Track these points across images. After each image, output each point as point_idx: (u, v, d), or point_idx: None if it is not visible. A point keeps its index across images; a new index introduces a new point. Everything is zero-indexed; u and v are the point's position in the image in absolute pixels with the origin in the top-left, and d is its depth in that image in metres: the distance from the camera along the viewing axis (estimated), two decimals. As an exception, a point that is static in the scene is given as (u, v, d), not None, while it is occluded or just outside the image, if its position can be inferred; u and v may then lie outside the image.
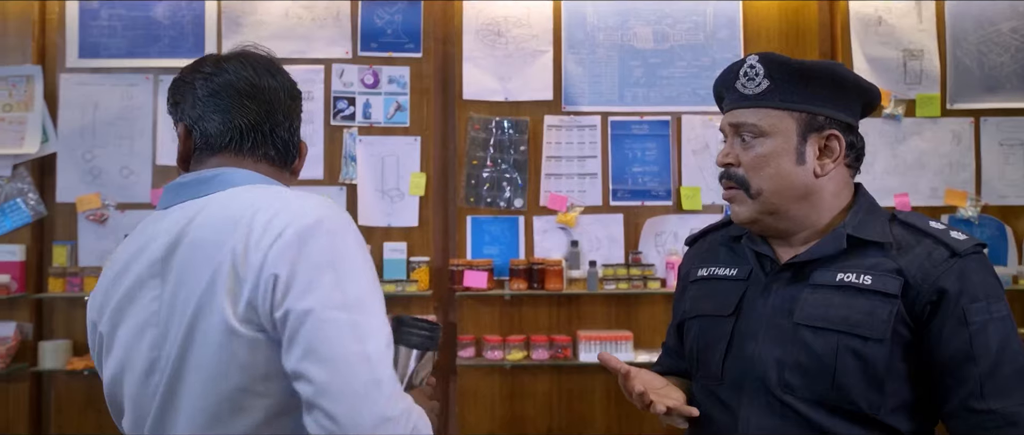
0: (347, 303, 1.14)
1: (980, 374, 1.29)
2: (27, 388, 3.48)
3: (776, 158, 1.40)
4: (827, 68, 1.41)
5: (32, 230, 3.56)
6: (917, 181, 3.68)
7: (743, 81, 1.44)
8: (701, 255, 1.62)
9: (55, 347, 3.46)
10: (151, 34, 3.63)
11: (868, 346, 1.32)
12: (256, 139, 1.35)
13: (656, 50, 3.72)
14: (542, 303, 3.60)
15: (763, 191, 1.42)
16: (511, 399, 3.55)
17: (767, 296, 1.43)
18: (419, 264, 3.56)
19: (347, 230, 1.21)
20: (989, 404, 1.28)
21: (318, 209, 1.20)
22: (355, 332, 1.13)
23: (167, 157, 3.60)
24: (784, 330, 1.39)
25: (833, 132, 1.41)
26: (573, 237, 3.63)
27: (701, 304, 1.54)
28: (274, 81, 1.38)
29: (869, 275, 1.36)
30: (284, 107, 1.39)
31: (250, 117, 1.34)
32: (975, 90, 3.69)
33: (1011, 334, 1.32)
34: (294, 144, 1.42)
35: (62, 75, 3.59)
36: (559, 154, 3.67)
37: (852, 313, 1.34)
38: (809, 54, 3.70)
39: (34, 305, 3.55)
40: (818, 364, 1.34)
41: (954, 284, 1.32)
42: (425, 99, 3.65)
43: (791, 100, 1.40)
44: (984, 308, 1.31)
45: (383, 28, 3.66)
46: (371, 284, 1.19)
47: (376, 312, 1.18)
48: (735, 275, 1.50)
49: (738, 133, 1.44)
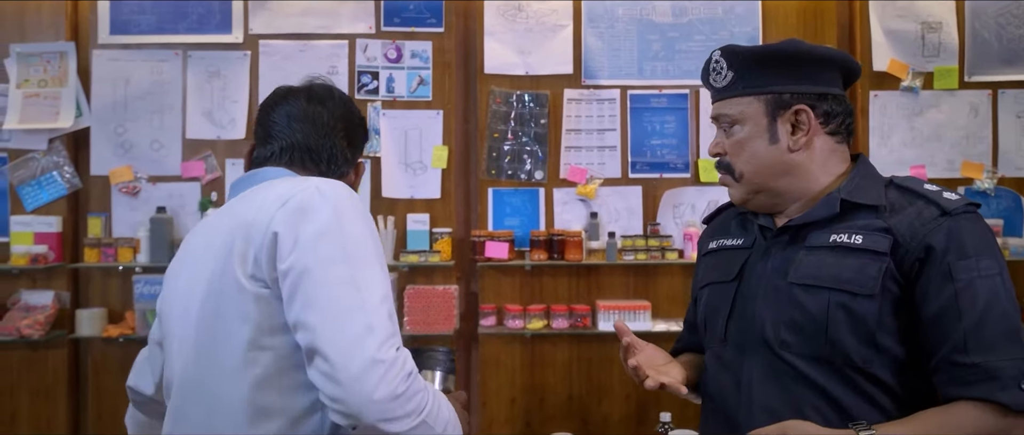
0: (345, 258, 1.26)
1: (965, 329, 1.31)
2: (65, 354, 3.57)
3: (751, 142, 1.48)
4: (781, 48, 1.47)
5: (68, 202, 3.63)
6: (934, 153, 3.69)
7: (713, 76, 1.53)
8: (714, 230, 1.70)
9: (91, 315, 3.55)
10: (180, 11, 3.67)
11: (858, 301, 1.37)
12: (299, 153, 1.50)
13: (675, 24, 3.74)
14: (562, 273, 3.65)
15: (744, 173, 1.50)
16: (531, 367, 3.61)
17: (766, 260, 1.50)
18: (442, 235, 3.61)
19: (348, 201, 1.32)
20: (972, 358, 1.30)
21: (324, 184, 1.34)
22: (351, 284, 1.24)
23: (196, 131, 3.66)
24: (780, 290, 1.44)
25: (800, 107, 1.46)
26: (592, 209, 3.68)
27: (710, 273, 1.61)
28: (322, 108, 1.52)
29: (860, 234, 1.40)
30: (327, 128, 1.52)
31: (296, 137, 1.50)
32: (993, 62, 3.68)
33: (999, 291, 1.34)
34: (345, 159, 1.54)
35: (94, 51, 3.64)
36: (579, 127, 3.71)
37: (843, 271, 1.39)
38: (827, 28, 3.70)
39: (71, 274, 3.63)
40: (811, 321, 1.39)
41: (942, 241, 1.35)
42: (447, 73, 3.69)
43: (754, 85, 1.48)
44: (972, 264, 1.33)
45: (405, 3, 3.69)
46: (370, 246, 1.30)
47: (374, 267, 1.28)
48: (741, 244, 1.57)
49: (720, 124, 1.54)
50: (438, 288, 3.57)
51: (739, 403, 1.47)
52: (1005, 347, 1.30)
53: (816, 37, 3.68)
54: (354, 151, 1.57)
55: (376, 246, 1.31)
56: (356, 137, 1.58)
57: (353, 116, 1.58)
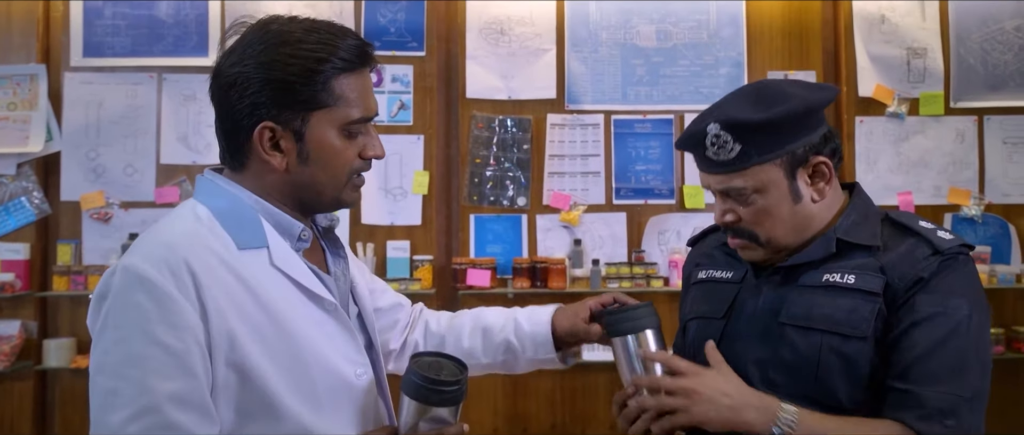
0: (108, 367, 1.09)
1: (911, 359, 1.30)
2: (31, 386, 3.47)
3: (776, 208, 1.40)
4: (794, 110, 1.36)
5: (36, 228, 3.54)
6: (920, 179, 3.66)
7: (713, 150, 1.39)
8: (702, 257, 1.64)
9: (59, 345, 3.45)
10: (155, 33, 3.61)
11: (849, 344, 1.34)
12: (221, 143, 1.25)
13: (659, 49, 3.71)
14: (545, 301, 3.47)
15: (771, 237, 1.42)
16: (514, 397, 3.54)
17: (757, 298, 1.45)
18: (422, 263, 3.55)
19: (138, 287, 1.09)
20: (908, 385, 1.29)
21: (129, 257, 1.13)
22: (106, 401, 1.08)
23: (171, 156, 3.59)
24: (770, 330, 1.40)
25: (818, 159, 1.40)
26: (576, 235, 3.63)
27: (698, 306, 1.56)
28: (242, 66, 1.18)
29: (853, 274, 1.37)
30: (233, 92, 1.18)
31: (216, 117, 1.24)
32: (979, 88, 3.67)
33: (962, 332, 1.30)
34: (240, 135, 1.19)
35: (66, 74, 3.58)
36: (562, 153, 3.67)
37: (835, 312, 1.35)
38: (813, 53, 3.69)
39: (38, 303, 3.54)
40: (801, 361, 1.36)
41: (927, 277, 1.33)
42: (428, 98, 3.64)
43: (768, 151, 1.37)
44: (938, 300, 1.31)
45: (386, 26, 3.65)
46: (146, 349, 1.08)
47: (139, 380, 1.07)
48: (731, 278, 1.52)
49: (729, 194, 1.42)
50: None
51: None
52: (944, 381, 1.27)
53: (801, 62, 3.67)
54: (290, 113, 1.18)
55: (160, 343, 1.08)
56: (288, 95, 1.17)
57: (271, 66, 1.17)
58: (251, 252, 1.18)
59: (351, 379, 1.23)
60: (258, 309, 1.15)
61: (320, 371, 1.19)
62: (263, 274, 1.18)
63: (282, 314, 1.17)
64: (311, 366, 1.18)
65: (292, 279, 1.20)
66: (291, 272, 1.21)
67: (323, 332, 1.22)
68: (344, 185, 1.24)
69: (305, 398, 1.16)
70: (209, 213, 1.20)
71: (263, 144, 1.19)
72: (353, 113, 1.22)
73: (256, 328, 1.14)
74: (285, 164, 1.21)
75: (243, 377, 1.13)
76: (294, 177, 1.22)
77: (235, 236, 1.18)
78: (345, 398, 1.22)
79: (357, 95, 1.22)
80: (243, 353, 1.12)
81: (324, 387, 1.19)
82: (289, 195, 1.24)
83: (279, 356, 1.15)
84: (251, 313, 1.14)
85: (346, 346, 1.24)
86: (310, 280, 1.22)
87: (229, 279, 1.14)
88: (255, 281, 1.16)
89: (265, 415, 1.14)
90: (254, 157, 1.21)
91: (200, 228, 1.17)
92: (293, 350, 1.17)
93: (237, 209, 1.21)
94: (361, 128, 1.24)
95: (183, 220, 1.19)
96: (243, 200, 1.21)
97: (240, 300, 1.14)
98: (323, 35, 1.20)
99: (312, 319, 1.21)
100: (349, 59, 1.20)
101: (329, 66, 1.19)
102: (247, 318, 1.14)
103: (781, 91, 1.40)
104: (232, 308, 1.13)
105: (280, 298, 1.18)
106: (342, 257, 1.35)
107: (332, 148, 1.21)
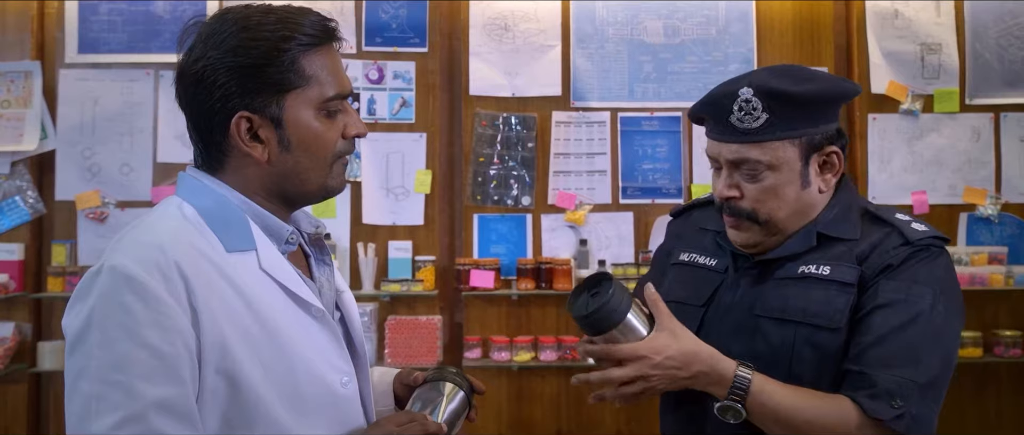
0: (91, 371, 1.03)
1: (866, 342, 1.32)
2: (25, 389, 3.44)
3: (784, 188, 1.41)
4: (827, 91, 1.39)
5: (31, 228, 3.51)
6: (935, 178, 3.61)
7: (739, 116, 1.39)
8: (686, 237, 1.63)
9: (54, 348, 3.41)
10: (152, 29, 3.58)
11: (823, 335, 1.35)
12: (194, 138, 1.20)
13: (667, 45, 3.66)
14: (550, 303, 3.55)
15: (772, 218, 1.42)
16: (518, 401, 3.51)
17: (735, 290, 1.46)
18: (425, 263, 3.51)
19: (126, 288, 1.04)
20: (860, 367, 1.31)
21: (116, 257, 1.07)
22: (87, 407, 1.03)
23: (168, 154, 3.55)
24: (745, 323, 1.42)
25: (832, 149, 1.42)
26: (582, 236, 3.58)
27: (677, 290, 1.54)
28: (206, 60, 1.14)
29: (828, 265, 1.39)
30: (204, 89, 1.14)
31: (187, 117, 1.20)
32: (995, 85, 3.62)
33: (924, 323, 1.31)
34: (215, 132, 1.15)
35: (61, 71, 3.55)
36: (567, 151, 3.62)
37: (810, 303, 1.37)
38: (825, 49, 3.64)
39: (33, 305, 3.51)
40: (775, 354, 1.37)
41: (894, 265, 1.36)
42: (431, 95, 3.60)
43: (792, 129, 1.38)
44: (901, 288, 1.33)
45: (388, 22, 3.61)
46: (134, 352, 1.03)
47: (125, 385, 1.02)
48: (714, 266, 1.52)
49: (739, 168, 1.42)
50: (421, 319, 3.48)
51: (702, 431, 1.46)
52: (898, 366, 1.29)
53: (813, 58, 3.63)
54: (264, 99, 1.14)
55: (148, 346, 1.04)
56: (258, 79, 1.14)
57: (241, 49, 1.13)
58: (239, 255, 1.14)
59: (337, 388, 1.20)
60: (249, 314, 1.12)
61: (307, 379, 1.16)
62: (252, 278, 1.14)
63: (272, 320, 1.14)
64: (299, 374, 1.15)
65: (281, 284, 1.17)
66: (280, 277, 1.17)
67: (310, 339, 1.18)
68: (329, 169, 1.21)
69: (292, 406, 1.14)
70: (195, 212, 1.15)
71: (241, 135, 1.15)
72: (327, 90, 1.18)
73: (247, 334, 1.11)
74: (267, 154, 1.17)
75: (232, 385, 1.09)
76: (277, 167, 1.18)
77: (223, 238, 1.14)
78: (330, 407, 1.19)
79: (327, 72, 1.19)
80: (234, 360, 1.09)
81: (310, 395, 1.16)
82: (274, 189, 1.20)
83: (269, 363, 1.12)
84: (242, 318, 1.11)
85: (332, 354, 1.21)
86: (299, 286, 1.19)
87: (220, 283, 1.11)
88: (245, 285, 1.13)
89: (251, 423, 1.11)
90: (233, 152, 1.17)
91: (188, 228, 1.13)
92: (282, 357, 1.13)
93: (224, 210, 1.16)
94: (339, 105, 1.20)
95: (170, 219, 1.14)
96: (230, 200, 1.17)
97: (231, 305, 1.10)
98: (281, 14, 1.17)
99: (300, 325, 1.17)
100: (312, 35, 1.17)
101: (293, 43, 1.15)
102: (238, 324, 1.10)
103: (812, 73, 1.43)
104: (223, 313, 1.09)
105: (269, 303, 1.14)
106: (327, 264, 1.31)
107: (312, 130, 1.17)
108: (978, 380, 3.48)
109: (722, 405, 1.33)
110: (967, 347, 3.39)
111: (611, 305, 1.33)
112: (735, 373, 1.32)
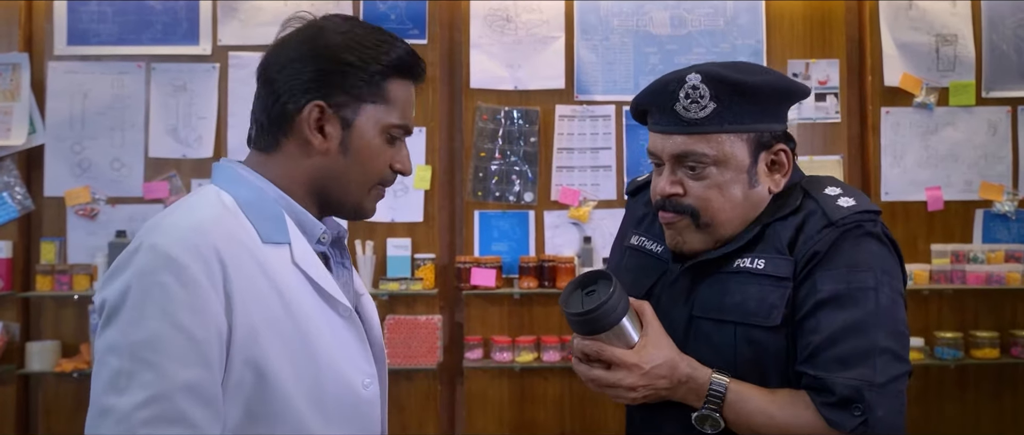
0: (123, 347, 1.06)
1: (816, 343, 1.27)
2: (14, 391, 3.39)
3: (730, 186, 1.36)
4: (772, 80, 1.36)
5: (19, 225, 3.47)
6: (950, 174, 3.55)
7: (685, 104, 1.34)
8: (639, 217, 1.58)
9: (42, 348, 3.37)
10: (143, 20, 3.53)
11: (759, 333, 1.32)
12: (255, 130, 1.26)
13: (673, 36, 3.61)
14: (553, 302, 3.50)
15: (714, 221, 1.37)
16: (521, 403, 3.47)
17: (674, 285, 1.42)
18: (424, 261, 3.47)
19: (165, 268, 1.07)
20: (817, 371, 1.27)
21: (156, 236, 1.10)
22: (115, 382, 1.05)
23: (160, 149, 3.51)
24: (684, 322, 1.39)
25: (782, 147, 1.38)
26: (586, 233, 3.54)
27: (624, 275, 1.49)
28: (297, 52, 1.20)
29: (762, 258, 1.34)
30: (288, 73, 1.19)
31: (255, 104, 1.25)
32: (1012, 77, 3.57)
33: (871, 314, 1.27)
34: (286, 111, 1.19)
35: (50, 63, 3.51)
36: (571, 145, 3.57)
37: (746, 300, 1.33)
38: (836, 40, 3.58)
39: (21, 304, 3.46)
40: (718, 356, 1.34)
41: (822, 251, 1.31)
42: (430, 88, 3.55)
43: (741, 121, 1.34)
44: (840, 278, 1.28)
45: (386, 13, 3.56)
46: (167, 332, 1.06)
47: (155, 364, 1.05)
48: (659, 253, 1.48)
49: (683, 163, 1.36)
50: (420, 318, 3.44)
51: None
52: (853, 367, 1.25)
53: (824, 50, 3.58)
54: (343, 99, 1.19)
55: (183, 330, 1.07)
56: (345, 80, 1.19)
57: (328, 50, 1.19)
58: (274, 247, 1.18)
59: (359, 389, 1.23)
60: (280, 306, 1.15)
61: (331, 378, 1.19)
62: (285, 271, 1.17)
63: (302, 314, 1.17)
64: (324, 370, 1.18)
65: (312, 280, 1.20)
66: (312, 272, 1.20)
67: (337, 337, 1.22)
68: (369, 190, 1.25)
69: (314, 404, 1.17)
70: (234, 201, 1.18)
71: (310, 122, 1.19)
72: (397, 118, 1.24)
73: (277, 326, 1.14)
74: (327, 148, 1.21)
75: (259, 376, 1.12)
76: (330, 163, 1.22)
77: (259, 228, 1.17)
78: (350, 408, 1.22)
79: (407, 105, 1.25)
80: (262, 350, 1.12)
81: (332, 394, 1.19)
82: (315, 187, 1.23)
83: (296, 357, 1.15)
84: (274, 310, 1.14)
85: (357, 354, 1.24)
86: (329, 283, 1.22)
87: (255, 272, 1.14)
88: (278, 277, 1.16)
89: (274, 417, 1.13)
90: (294, 137, 1.20)
91: (227, 215, 1.16)
92: (309, 352, 1.17)
93: (261, 201, 1.20)
94: (399, 136, 1.26)
95: (210, 205, 1.17)
96: (267, 193, 1.21)
97: (264, 295, 1.13)
98: (385, 36, 1.24)
99: (328, 323, 1.21)
100: (405, 65, 1.24)
101: (386, 63, 1.21)
102: (270, 314, 1.14)
103: (763, 68, 1.41)
104: (256, 302, 1.12)
105: (300, 298, 1.18)
106: (347, 268, 1.35)
107: (373, 145, 1.23)
108: (995, 382, 3.42)
109: (699, 414, 1.31)
110: (984, 348, 3.32)
111: (608, 307, 1.29)
112: (710, 380, 1.30)
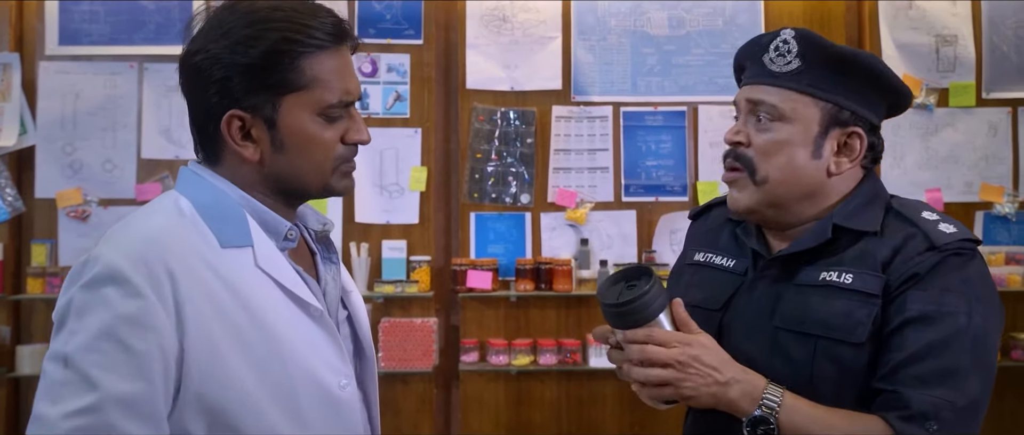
0: (61, 357, 1.05)
1: (898, 360, 1.24)
2: (4, 395, 3.37)
3: (791, 146, 1.34)
4: (867, 60, 1.35)
5: (9, 227, 3.45)
6: (950, 175, 3.55)
7: (772, 55, 1.36)
8: (701, 236, 1.58)
9: (34, 351, 3.35)
10: (136, 20, 3.51)
11: (843, 349, 1.29)
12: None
13: (671, 36, 3.60)
14: (550, 305, 3.51)
15: (770, 179, 1.35)
16: (517, 406, 3.47)
17: (753, 293, 1.40)
18: (420, 264, 3.47)
19: (108, 280, 1.05)
20: (895, 385, 1.23)
21: (104, 248, 1.08)
22: (50, 391, 1.04)
23: (152, 150, 3.49)
24: (764, 332, 1.36)
25: (857, 129, 1.35)
26: (583, 235, 3.53)
27: (692, 292, 1.47)
28: (205, 53, 1.13)
29: (850, 273, 1.31)
30: (201, 81, 1.14)
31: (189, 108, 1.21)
32: (1013, 78, 3.57)
33: (960, 337, 1.24)
34: (208, 129, 1.14)
35: (41, 63, 3.49)
36: (568, 147, 3.57)
37: (830, 316, 1.30)
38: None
39: (11, 307, 3.44)
40: (796, 369, 1.31)
41: (921, 275, 1.28)
42: (426, 88, 3.55)
43: (821, 87, 1.33)
44: (932, 299, 1.25)
45: (382, 13, 3.55)
46: (105, 345, 1.03)
47: (90, 377, 1.02)
48: (731, 267, 1.46)
49: (754, 112, 1.37)
50: (416, 321, 3.43)
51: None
52: (935, 386, 1.22)
53: None
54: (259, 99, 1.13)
55: (119, 342, 1.04)
56: (255, 79, 1.12)
57: (242, 46, 1.11)
58: (234, 251, 1.15)
59: (334, 390, 1.19)
60: (241, 312, 1.11)
61: (302, 380, 1.15)
62: (247, 275, 1.14)
63: (265, 318, 1.13)
64: (294, 374, 1.14)
65: (277, 282, 1.17)
66: (276, 274, 1.17)
67: (307, 339, 1.18)
68: (331, 173, 1.20)
69: (286, 409, 1.13)
70: (191, 207, 1.16)
71: (232, 134, 1.15)
72: (329, 96, 1.16)
73: (238, 333, 1.11)
74: (258, 155, 1.16)
75: (222, 386, 1.09)
76: (270, 168, 1.17)
77: (218, 233, 1.14)
78: (327, 409, 1.19)
79: (334, 76, 1.17)
80: (223, 360, 1.09)
81: (306, 397, 1.16)
82: (271, 187, 1.20)
83: (262, 362, 1.12)
84: (233, 317, 1.11)
85: (330, 354, 1.20)
86: (296, 284, 1.18)
87: (211, 280, 1.11)
88: (239, 282, 1.13)
89: (241, 425, 1.10)
90: (226, 149, 1.17)
91: (182, 223, 1.13)
92: (275, 356, 1.13)
93: (222, 204, 1.17)
94: (341, 112, 1.19)
95: (165, 214, 1.15)
96: (228, 195, 1.17)
97: (221, 302, 1.10)
98: (290, 12, 1.15)
99: (296, 324, 1.17)
100: (321, 37, 1.15)
101: (298, 45, 1.14)
102: (229, 322, 1.10)
103: (866, 51, 1.41)
104: (212, 311, 1.10)
105: (264, 301, 1.14)
106: (334, 263, 1.32)
107: (308, 135, 1.17)
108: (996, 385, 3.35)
109: (754, 418, 1.27)
110: (984, 351, 3.29)
111: (648, 298, 1.27)
112: (766, 386, 1.27)
